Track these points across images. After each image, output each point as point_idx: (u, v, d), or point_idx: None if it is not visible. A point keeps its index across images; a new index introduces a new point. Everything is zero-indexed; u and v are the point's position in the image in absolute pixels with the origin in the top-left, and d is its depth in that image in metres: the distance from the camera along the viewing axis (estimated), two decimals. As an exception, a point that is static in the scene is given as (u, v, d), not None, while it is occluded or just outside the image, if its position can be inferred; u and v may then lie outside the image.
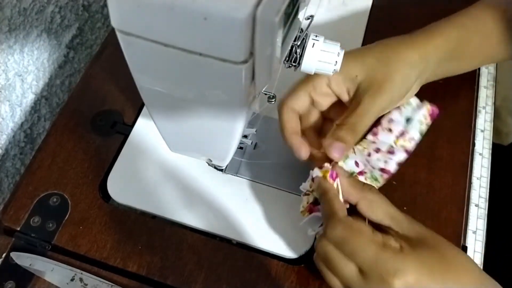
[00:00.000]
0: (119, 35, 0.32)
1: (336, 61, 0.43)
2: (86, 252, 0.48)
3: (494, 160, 0.54)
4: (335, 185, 0.42)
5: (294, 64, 0.42)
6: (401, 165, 0.47)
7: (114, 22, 0.31)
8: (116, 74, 0.58)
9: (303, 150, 0.45)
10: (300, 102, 0.47)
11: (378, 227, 0.40)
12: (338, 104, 0.48)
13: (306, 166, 0.46)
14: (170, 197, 0.51)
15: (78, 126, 0.55)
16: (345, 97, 0.47)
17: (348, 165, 0.45)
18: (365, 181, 0.46)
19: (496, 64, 0.60)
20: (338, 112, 0.48)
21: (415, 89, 0.48)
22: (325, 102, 0.48)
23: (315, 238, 0.48)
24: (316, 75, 0.43)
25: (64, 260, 0.47)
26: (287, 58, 0.42)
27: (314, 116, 0.49)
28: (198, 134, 0.43)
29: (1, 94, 0.58)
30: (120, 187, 0.51)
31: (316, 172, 0.44)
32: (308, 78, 0.46)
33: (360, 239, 0.38)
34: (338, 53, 0.43)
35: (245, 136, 0.52)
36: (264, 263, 0.47)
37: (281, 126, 0.47)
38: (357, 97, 0.45)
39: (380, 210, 0.41)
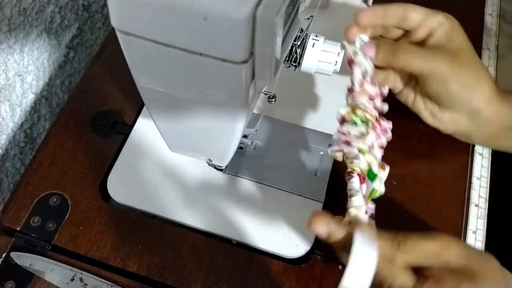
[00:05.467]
0: (119, 35, 0.32)
1: (336, 61, 0.43)
2: (86, 252, 0.48)
3: (494, 160, 0.54)
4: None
5: (294, 64, 0.43)
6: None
7: (114, 22, 0.31)
8: (116, 74, 0.58)
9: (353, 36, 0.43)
10: (393, 12, 0.45)
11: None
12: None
13: (305, 165, 0.45)
14: (170, 197, 0.51)
15: (78, 126, 0.55)
16: (420, 35, 0.45)
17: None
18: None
19: (496, 64, 0.60)
20: None
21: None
22: (397, 32, 0.46)
23: (315, 237, 0.48)
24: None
25: (64, 260, 0.47)
26: (287, 58, 0.42)
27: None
28: (198, 134, 0.43)
29: (1, 94, 0.58)
30: (120, 187, 0.51)
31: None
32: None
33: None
34: (338, 53, 0.43)
35: (245, 136, 0.52)
36: (264, 263, 0.47)
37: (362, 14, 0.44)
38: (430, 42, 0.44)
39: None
